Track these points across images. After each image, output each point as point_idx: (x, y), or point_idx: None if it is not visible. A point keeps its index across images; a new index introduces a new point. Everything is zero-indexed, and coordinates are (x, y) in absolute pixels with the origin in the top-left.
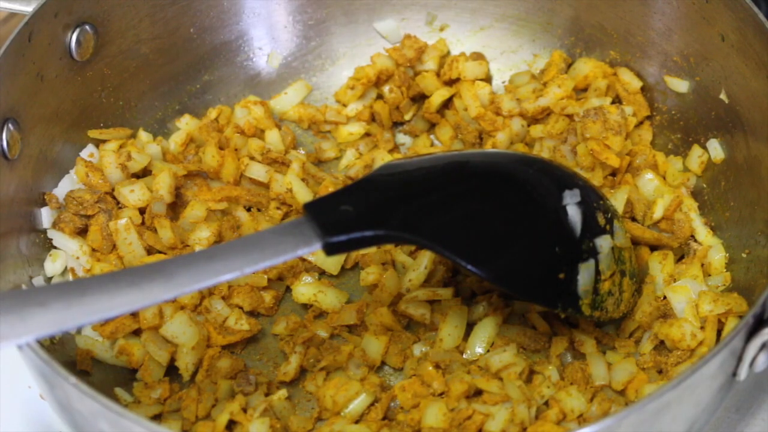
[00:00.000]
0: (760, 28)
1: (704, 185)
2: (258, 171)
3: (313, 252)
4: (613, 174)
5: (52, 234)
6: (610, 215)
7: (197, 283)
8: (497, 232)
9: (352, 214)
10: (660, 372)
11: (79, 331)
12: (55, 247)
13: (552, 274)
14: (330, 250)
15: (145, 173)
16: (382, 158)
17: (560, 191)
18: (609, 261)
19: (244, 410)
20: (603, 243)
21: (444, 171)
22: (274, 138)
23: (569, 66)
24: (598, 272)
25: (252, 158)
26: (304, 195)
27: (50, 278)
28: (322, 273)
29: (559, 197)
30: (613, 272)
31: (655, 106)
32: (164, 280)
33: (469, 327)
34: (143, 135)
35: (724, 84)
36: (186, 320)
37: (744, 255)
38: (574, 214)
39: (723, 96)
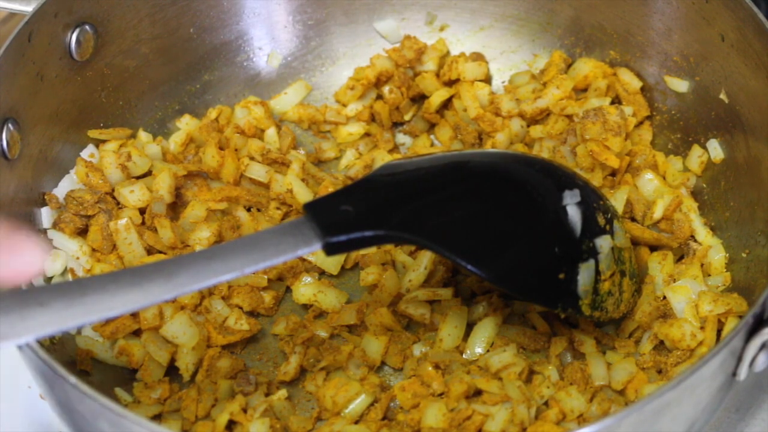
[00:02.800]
0: (760, 28)
1: (704, 185)
2: (258, 171)
3: (313, 252)
4: (613, 174)
5: (52, 234)
6: (609, 215)
7: (197, 283)
8: (497, 231)
9: (352, 214)
10: (660, 372)
11: (79, 331)
12: (55, 247)
13: (552, 274)
14: (330, 250)
15: (145, 173)
16: (382, 158)
17: (560, 191)
18: (609, 261)
19: (244, 410)
20: (603, 243)
21: (444, 171)
22: (271, 136)
23: (569, 66)
24: (598, 272)
25: (252, 158)
26: (304, 195)
27: (50, 278)
28: (322, 273)
29: (559, 197)
30: (613, 272)
31: (655, 106)
32: (164, 280)
33: (469, 327)
34: (143, 135)
35: (724, 84)
36: (186, 321)
37: (744, 255)
38: (574, 214)
39: (723, 96)
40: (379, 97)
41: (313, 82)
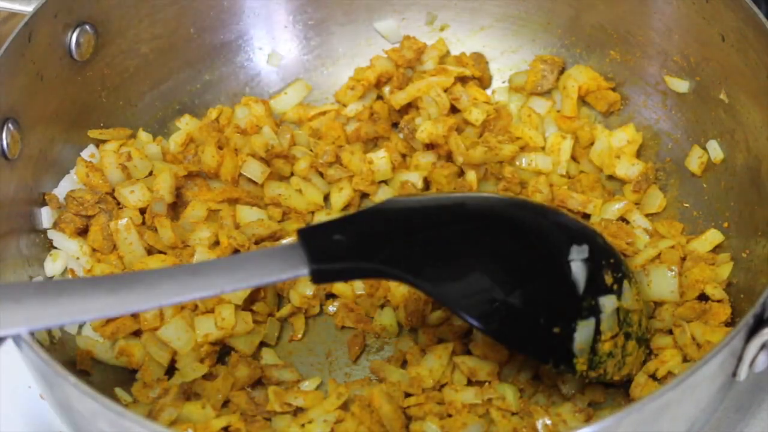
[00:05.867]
0: (760, 28)
1: (704, 185)
2: (254, 170)
3: (300, 278)
4: None
5: (52, 235)
6: (620, 275)
7: (177, 296)
8: (492, 280)
9: (344, 244)
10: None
11: (79, 331)
12: (55, 247)
13: (546, 328)
14: (317, 277)
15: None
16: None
17: (568, 245)
18: (611, 322)
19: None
20: (606, 303)
21: (445, 212)
22: (268, 133)
23: (561, 72)
24: (598, 332)
25: (254, 155)
26: (312, 194)
27: (50, 278)
28: None
29: (565, 251)
30: (615, 334)
31: (655, 107)
32: (144, 290)
33: None
34: (143, 135)
35: (724, 84)
36: (183, 325)
37: (744, 255)
38: (578, 270)
39: (723, 96)
40: (379, 97)
41: (313, 82)
